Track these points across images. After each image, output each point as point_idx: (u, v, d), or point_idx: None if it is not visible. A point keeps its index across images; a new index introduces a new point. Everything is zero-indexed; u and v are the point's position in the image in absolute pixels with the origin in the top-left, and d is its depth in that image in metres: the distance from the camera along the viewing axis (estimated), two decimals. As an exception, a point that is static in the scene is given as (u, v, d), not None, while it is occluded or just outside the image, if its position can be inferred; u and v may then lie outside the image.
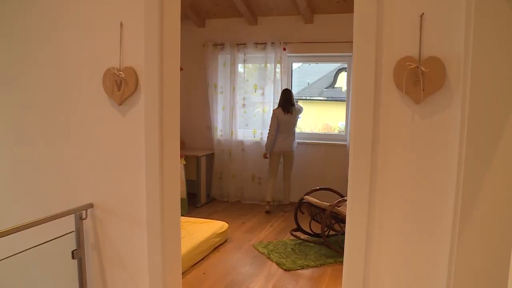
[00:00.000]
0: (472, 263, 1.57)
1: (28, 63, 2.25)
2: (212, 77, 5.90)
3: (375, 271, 1.74)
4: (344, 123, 5.82)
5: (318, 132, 6.67)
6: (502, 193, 1.52)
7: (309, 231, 4.37)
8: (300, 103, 5.62)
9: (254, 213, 5.36)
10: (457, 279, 1.58)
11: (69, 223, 2.13)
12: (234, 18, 5.73)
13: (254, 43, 5.65)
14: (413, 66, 1.59)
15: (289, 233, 4.47)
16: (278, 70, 5.59)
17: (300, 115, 5.38)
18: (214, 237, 4.03)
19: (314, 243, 4.20)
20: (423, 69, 1.58)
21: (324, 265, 3.72)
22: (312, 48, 5.42)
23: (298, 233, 4.36)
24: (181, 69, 2.22)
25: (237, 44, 5.73)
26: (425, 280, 1.68)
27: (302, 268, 3.64)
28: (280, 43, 5.50)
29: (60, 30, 2.15)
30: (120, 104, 2.06)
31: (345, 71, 5.80)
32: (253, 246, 4.17)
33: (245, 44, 5.70)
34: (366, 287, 1.76)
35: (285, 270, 3.60)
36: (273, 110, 5.27)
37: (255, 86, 5.85)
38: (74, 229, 2.15)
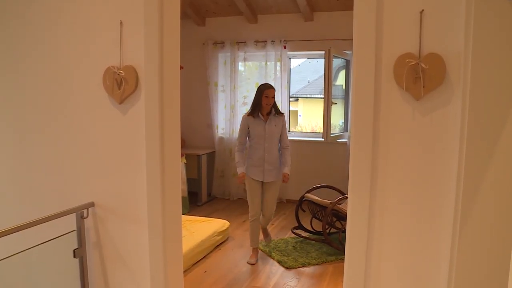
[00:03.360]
0: (473, 261, 1.57)
1: (27, 63, 2.25)
2: (213, 76, 5.90)
3: (376, 268, 1.74)
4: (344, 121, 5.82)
5: (319, 130, 6.66)
6: (502, 187, 1.52)
7: (310, 229, 4.37)
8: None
9: (255, 211, 5.36)
10: (458, 277, 1.58)
11: (70, 222, 2.13)
12: (234, 16, 5.73)
13: (254, 41, 5.64)
14: (413, 63, 1.59)
15: (290, 231, 4.47)
16: (278, 68, 5.57)
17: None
18: (215, 235, 4.04)
19: (315, 241, 4.20)
20: (423, 65, 1.57)
21: (325, 262, 3.72)
22: (312, 46, 5.41)
23: (299, 231, 4.37)
24: (181, 67, 2.22)
25: (237, 42, 5.72)
26: (426, 278, 1.68)
27: (304, 266, 3.65)
28: (280, 41, 5.50)
29: (60, 29, 2.15)
30: (120, 103, 2.07)
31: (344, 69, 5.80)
32: (254, 244, 4.17)
33: (245, 42, 5.69)
34: (367, 284, 1.76)
35: (287, 268, 3.60)
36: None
37: (256, 85, 5.83)
38: (75, 228, 2.16)
